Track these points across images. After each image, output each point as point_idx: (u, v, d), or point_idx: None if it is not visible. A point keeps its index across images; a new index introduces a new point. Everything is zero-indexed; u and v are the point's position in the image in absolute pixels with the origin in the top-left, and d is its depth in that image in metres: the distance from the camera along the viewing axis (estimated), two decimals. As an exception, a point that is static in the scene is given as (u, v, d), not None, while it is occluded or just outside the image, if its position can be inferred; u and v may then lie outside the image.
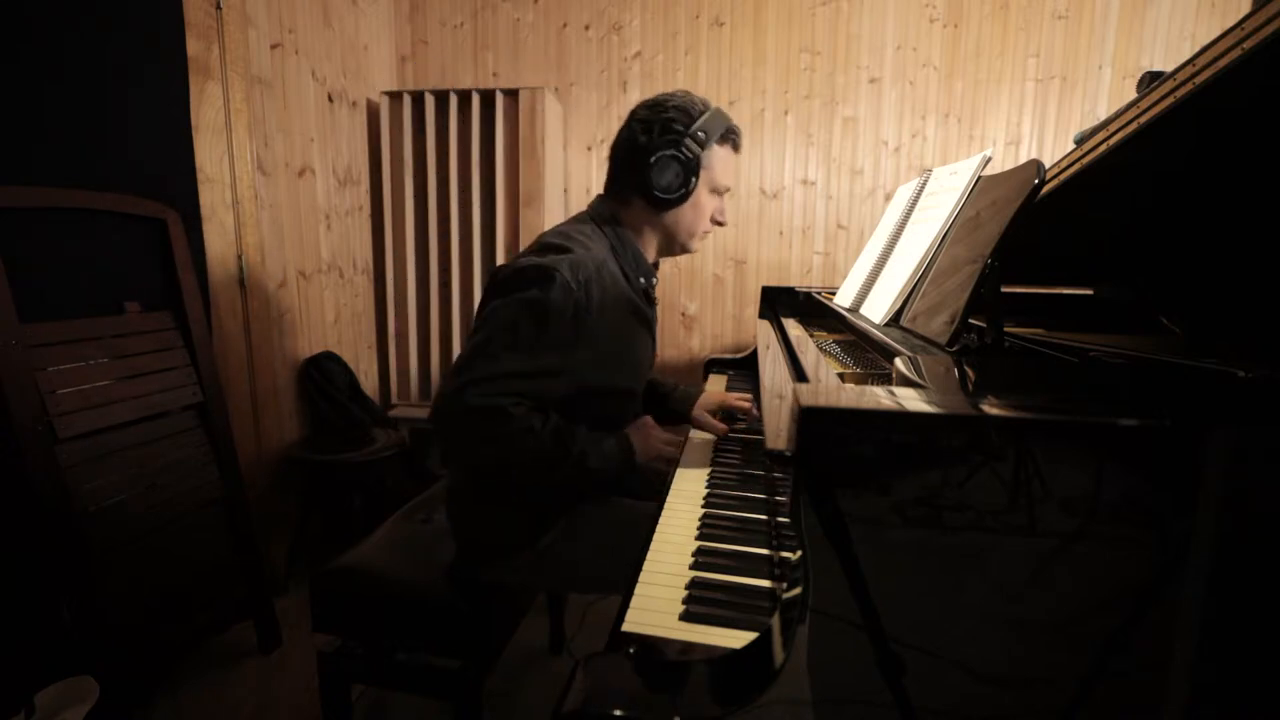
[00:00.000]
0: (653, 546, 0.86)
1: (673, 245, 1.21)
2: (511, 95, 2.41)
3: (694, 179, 1.11)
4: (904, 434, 0.49)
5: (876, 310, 1.13)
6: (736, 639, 0.63)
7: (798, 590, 0.52)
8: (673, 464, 1.17)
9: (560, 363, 1.03)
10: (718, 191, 1.18)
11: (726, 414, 1.38)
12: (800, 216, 2.65)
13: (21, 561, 1.32)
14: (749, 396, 1.40)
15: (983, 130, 2.52)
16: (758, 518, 0.94)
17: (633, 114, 1.15)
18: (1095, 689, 0.48)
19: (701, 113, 1.12)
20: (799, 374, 0.99)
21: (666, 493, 1.04)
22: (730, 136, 1.16)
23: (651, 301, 1.23)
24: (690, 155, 1.10)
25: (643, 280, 1.18)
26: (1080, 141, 0.85)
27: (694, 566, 0.80)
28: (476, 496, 1.14)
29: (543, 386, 1.03)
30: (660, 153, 1.09)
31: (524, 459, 1.01)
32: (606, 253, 1.12)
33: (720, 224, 1.22)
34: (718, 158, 1.15)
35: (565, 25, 2.66)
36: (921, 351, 0.78)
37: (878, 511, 0.49)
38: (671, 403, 1.41)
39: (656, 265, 1.26)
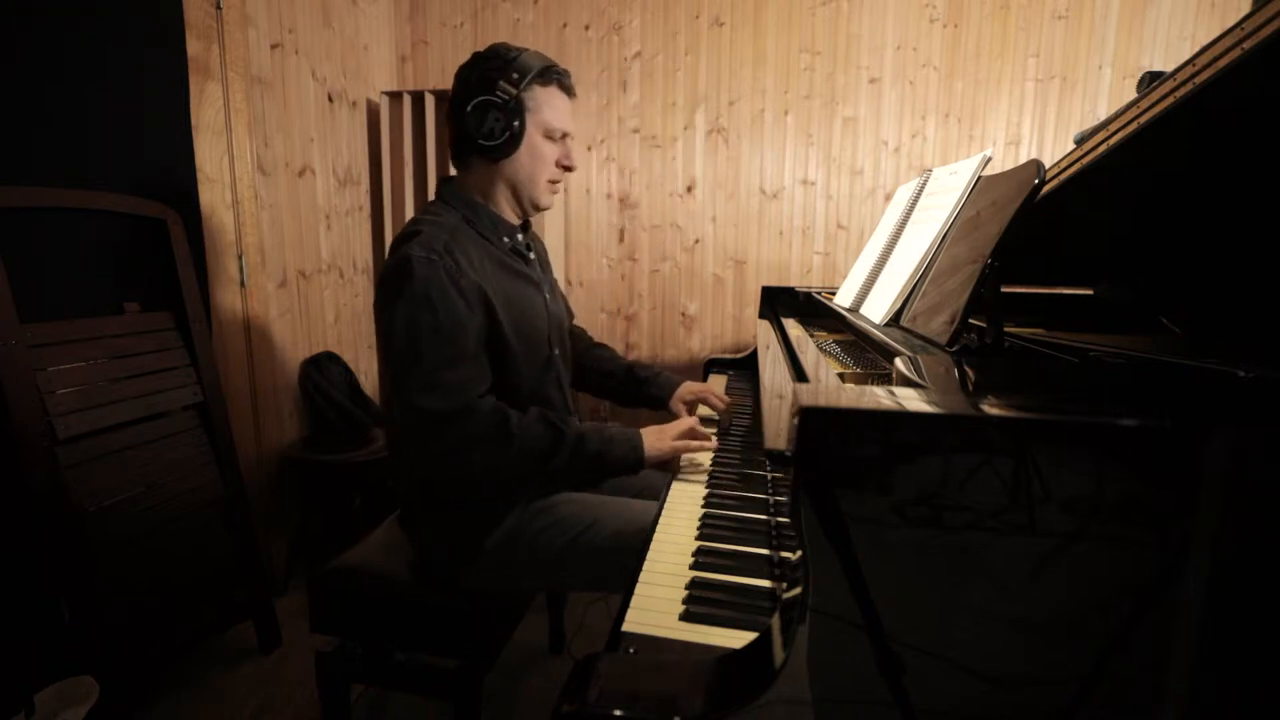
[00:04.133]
0: (653, 546, 0.85)
1: (520, 199, 1.17)
2: (511, 95, 2.41)
3: (517, 121, 1.08)
4: (904, 434, 0.49)
5: (876, 310, 1.13)
6: (736, 639, 0.63)
7: (798, 590, 0.52)
8: (690, 450, 1.13)
9: (472, 335, 1.03)
10: (553, 137, 1.14)
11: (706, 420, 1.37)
12: (800, 216, 2.65)
13: (21, 561, 1.32)
14: (726, 399, 1.39)
15: (983, 130, 2.52)
16: (758, 518, 0.94)
17: (455, 74, 1.13)
18: (1095, 689, 0.48)
19: (515, 55, 1.09)
20: (799, 374, 0.99)
21: (666, 493, 1.04)
22: (553, 76, 1.12)
23: (528, 260, 1.21)
24: (505, 96, 1.07)
25: (506, 239, 1.16)
26: (1080, 141, 0.85)
27: (694, 566, 0.80)
28: (425, 505, 1.13)
29: (478, 366, 1.03)
30: (476, 99, 1.07)
31: (514, 454, 1.00)
32: (457, 220, 1.11)
33: (568, 168, 1.18)
34: (544, 99, 1.12)
35: (565, 25, 2.65)
36: (921, 351, 0.78)
37: (878, 511, 0.49)
38: (652, 388, 1.40)
39: (526, 226, 1.23)
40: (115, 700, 1.34)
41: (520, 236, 1.20)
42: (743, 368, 1.95)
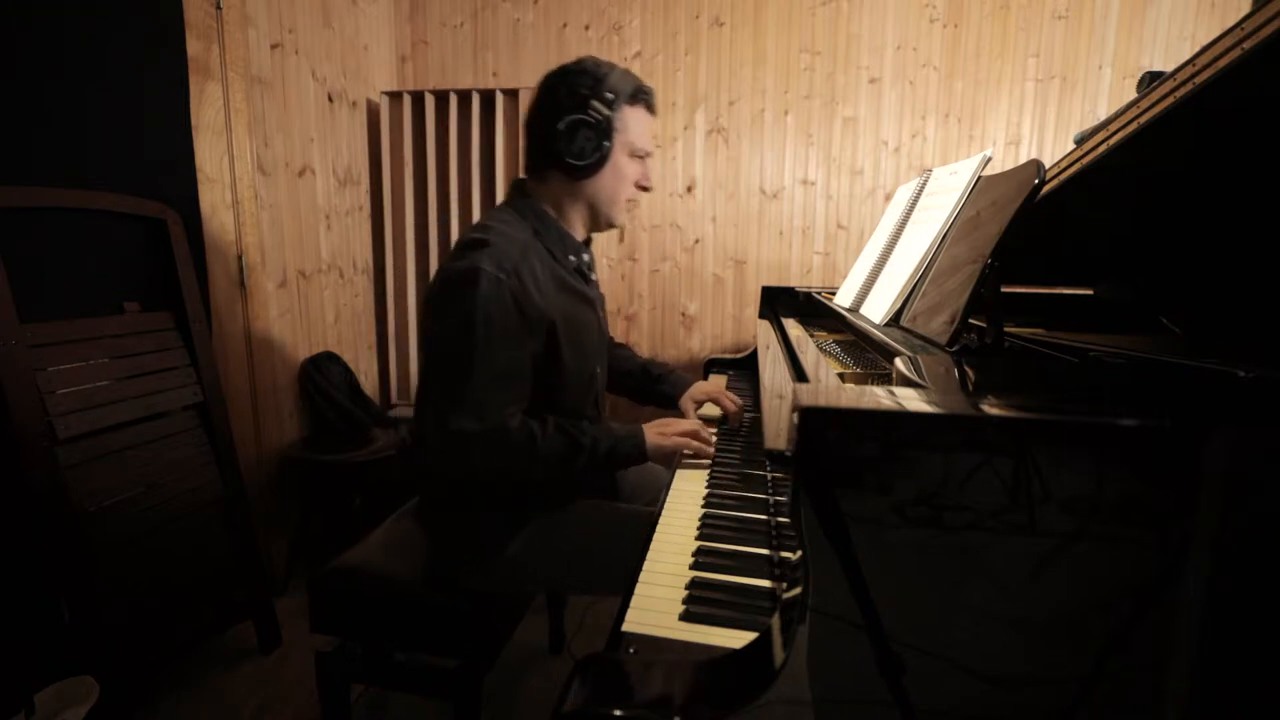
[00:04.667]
0: (653, 546, 0.86)
1: (598, 217, 1.17)
2: (511, 95, 2.41)
3: (607, 142, 1.07)
4: (904, 434, 0.49)
5: (876, 310, 1.13)
6: (736, 639, 0.63)
7: (798, 590, 0.52)
8: (692, 448, 1.14)
9: (521, 356, 1.02)
10: (637, 156, 1.13)
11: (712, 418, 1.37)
12: (800, 216, 2.65)
13: (21, 561, 1.32)
14: (738, 400, 1.39)
15: (983, 130, 2.52)
16: (758, 518, 0.94)
17: (539, 84, 1.11)
18: (1095, 689, 0.48)
19: (608, 73, 1.08)
20: (799, 374, 0.99)
21: (666, 493, 1.04)
22: (641, 96, 1.11)
23: (588, 280, 1.20)
24: (600, 117, 1.06)
25: (572, 258, 1.15)
26: (1080, 141, 0.85)
27: (694, 566, 0.80)
28: (445, 508, 1.14)
29: (521, 387, 1.03)
30: (568, 117, 1.05)
31: (539, 465, 1.01)
32: (528, 235, 1.09)
33: (646, 189, 1.17)
34: (631, 119, 1.10)
35: (565, 25, 2.65)
36: (921, 351, 0.78)
37: (878, 511, 0.49)
38: (665, 385, 1.41)
39: (588, 242, 1.22)
40: (115, 700, 1.34)
41: (585, 256, 1.18)
42: (743, 368, 1.95)
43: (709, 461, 1.17)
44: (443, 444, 1.00)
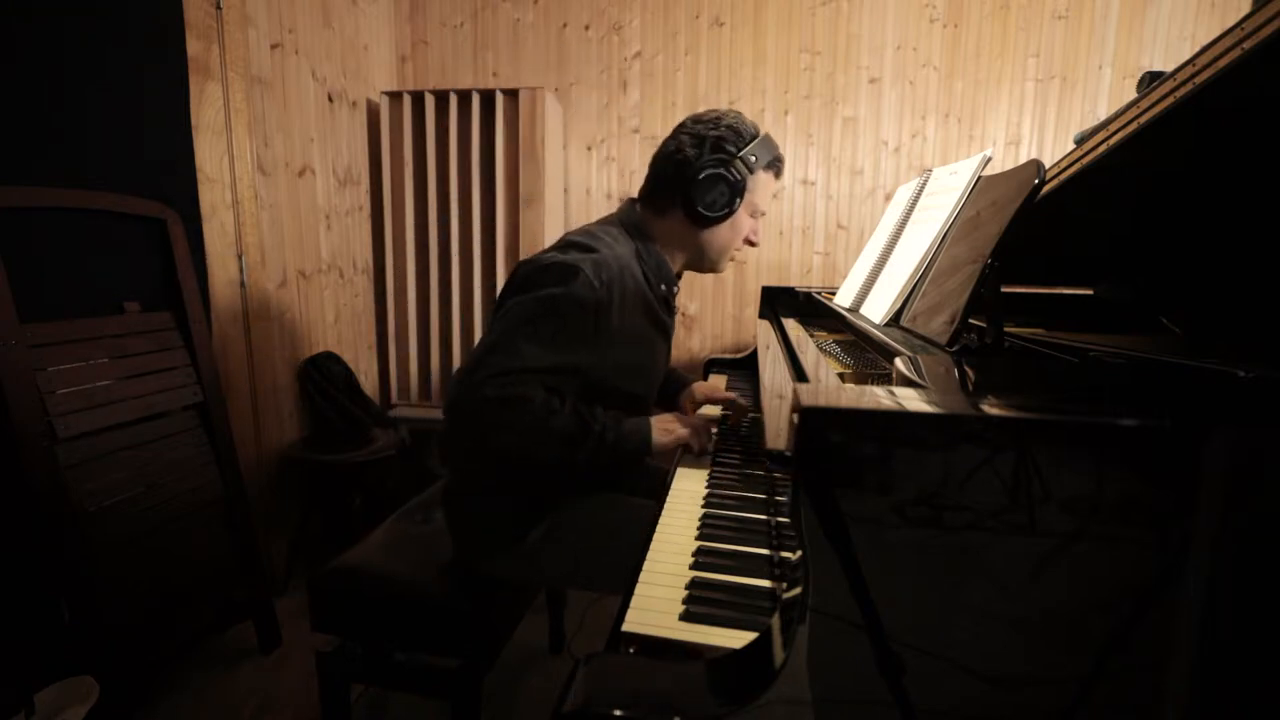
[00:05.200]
0: (653, 546, 0.85)
1: (702, 262, 1.21)
2: (511, 95, 2.41)
3: (738, 200, 1.12)
4: (904, 434, 0.49)
5: (876, 310, 1.13)
6: (736, 639, 0.63)
7: (798, 590, 0.52)
8: (694, 446, 1.16)
9: (579, 360, 1.03)
10: (755, 214, 1.19)
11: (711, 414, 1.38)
12: (800, 216, 2.65)
13: (21, 561, 1.32)
14: (733, 396, 1.39)
15: (983, 130, 2.52)
16: (758, 518, 0.94)
17: (681, 127, 1.15)
18: (1095, 689, 0.48)
19: (753, 137, 1.13)
20: (799, 374, 0.99)
21: (666, 493, 1.04)
22: (776, 164, 1.17)
23: (671, 310, 1.23)
24: (738, 177, 1.11)
25: (664, 287, 1.18)
26: (1080, 141, 0.85)
27: (694, 566, 0.80)
28: (471, 493, 1.15)
29: (561, 382, 1.04)
30: (709, 170, 1.09)
31: (548, 441, 1.02)
32: (631, 256, 1.12)
33: (753, 244, 1.22)
34: (761, 183, 1.15)
35: (565, 25, 2.66)
36: (921, 351, 0.78)
37: (878, 511, 0.49)
38: (665, 384, 1.43)
39: (679, 276, 1.25)
40: (115, 700, 1.34)
41: (675, 288, 1.21)
42: (743, 368, 1.95)
43: (709, 461, 1.17)
44: (459, 403, 1.00)
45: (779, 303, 2.05)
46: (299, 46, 2.13)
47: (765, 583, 0.75)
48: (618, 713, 0.52)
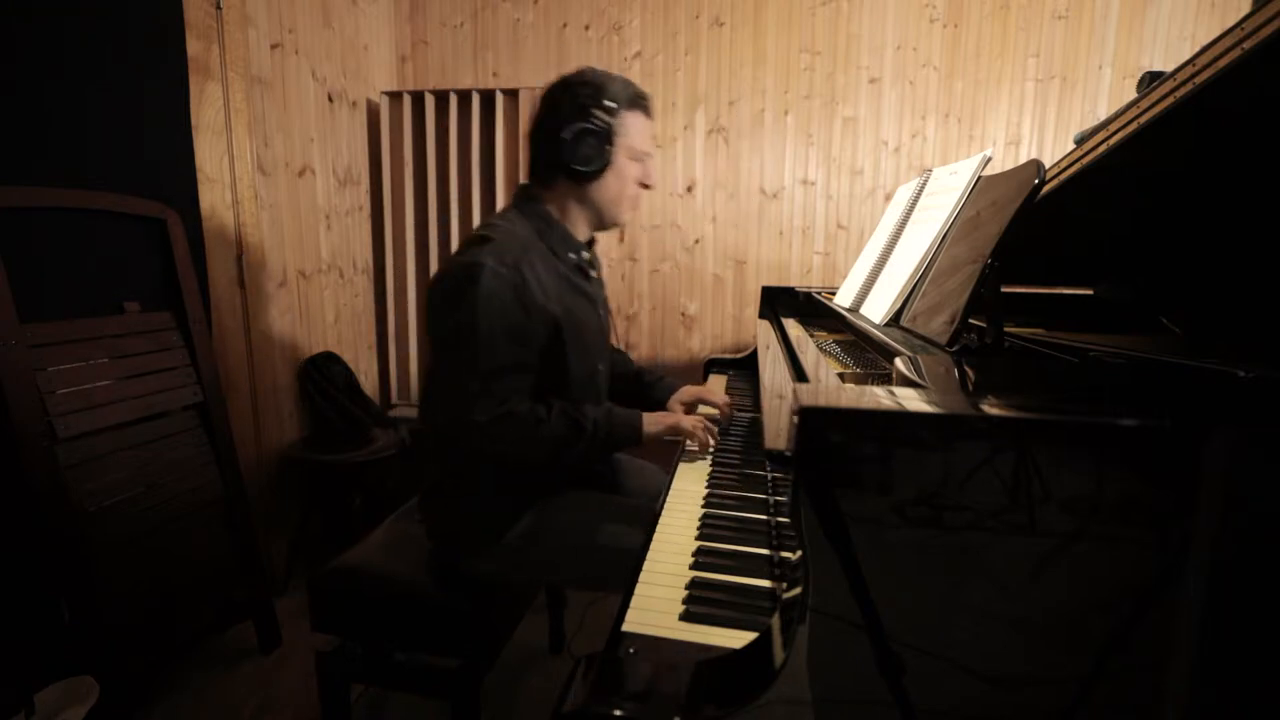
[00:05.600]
0: (653, 546, 0.86)
1: (602, 217, 1.21)
2: (511, 95, 2.41)
3: (609, 147, 1.13)
4: (904, 434, 0.49)
5: (876, 310, 1.13)
6: (736, 639, 0.63)
7: (798, 590, 0.52)
8: (687, 436, 1.18)
9: (527, 348, 1.06)
10: (637, 158, 1.18)
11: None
12: (800, 216, 2.65)
13: (21, 561, 1.32)
14: (728, 399, 1.39)
15: (983, 130, 2.52)
16: (758, 518, 0.94)
17: (542, 96, 1.17)
18: (1095, 689, 0.48)
19: (607, 83, 1.14)
20: (799, 374, 0.99)
21: (666, 493, 1.04)
22: (639, 102, 1.17)
23: (589, 277, 1.24)
24: (603, 124, 1.11)
25: (573, 256, 1.19)
26: (1080, 141, 0.85)
27: (694, 566, 0.80)
28: (449, 492, 1.16)
29: (525, 378, 1.07)
30: (572, 127, 1.11)
31: (541, 447, 1.05)
32: (531, 234, 1.13)
33: (648, 186, 1.22)
34: (631, 124, 1.15)
35: (565, 25, 2.65)
36: (921, 351, 0.78)
37: (878, 511, 0.49)
38: (656, 391, 1.44)
39: (592, 242, 1.27)
40: (115, 700, 1.34)
41: (586, 254, 1.23)
42: (743, 368, 1.95)
43: (709, 461, 1.17)
44: (451, 432, 1.05)
45: (779, 303, 2.05)
46: (299, 46, 2.12)
47: (765, 583, 0.75)
48: (618, 713, 0.52)
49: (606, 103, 1.12)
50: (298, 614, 1.86)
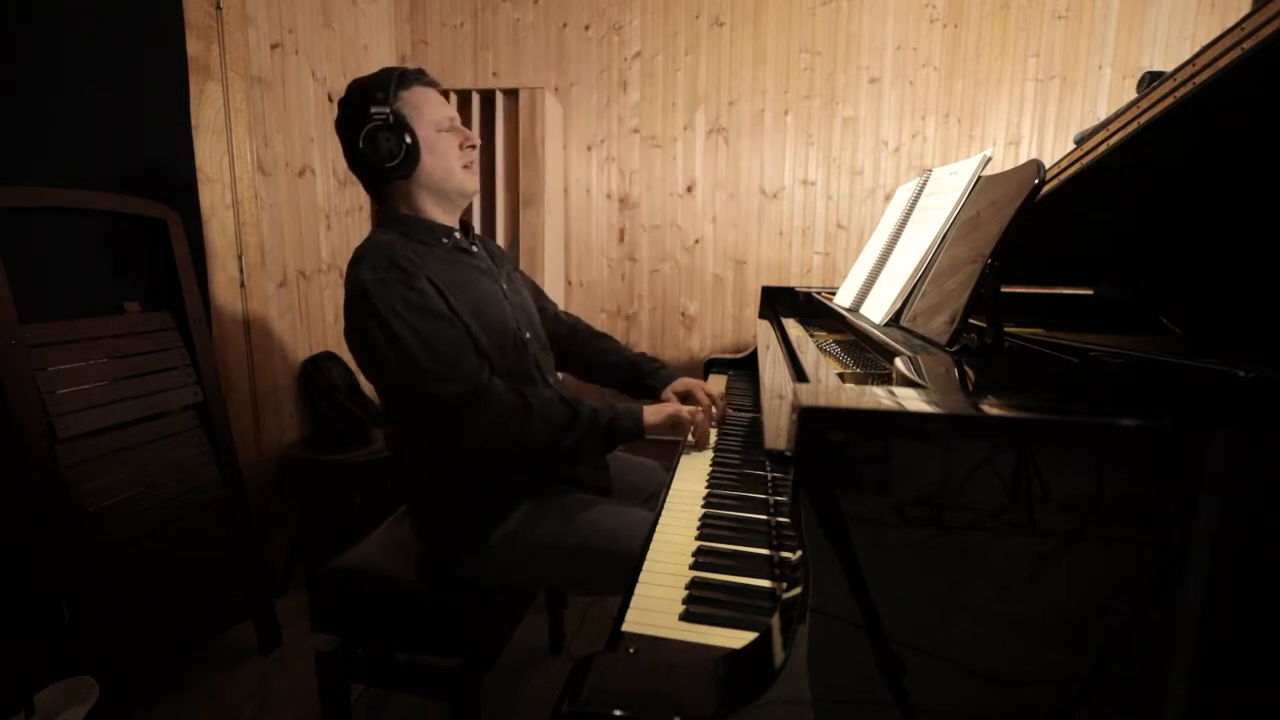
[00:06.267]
0: (653, 546, 0.85)
1: (447, 197, 1.20)
2: (511, 95, 2.41)
3: (406, 133, 1.12)
4: (904, 434, 0.49)
5: (876, 310, 1.13)
6: (736, 639, 0.63)
7: (798, 590, 0.52)
8: (694, 422, 1.17)
9: (452, 326, 1.06)
10: (444, 128, 1.17)
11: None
12: (800, 216, 2.65)
13: (21, 561, 1.32)
14: (721, 393, 1.38)
15: (983, 130, 2.52)
16: (758, 518, 0.94)
17: (334, 125, 1.19)
18: (1095, 689, 0.48)
19: (370, 79, 1.14)
20: (799, 374, 0.99)
21: (666, 492, 1.04)
22: (411, 78, 1.16)
23: (472, 252, 1.24)
24: (383, 115, 1.11)
25: (445, 240, 1.19)
26: (1080, 141, 0.85)
27: (694, 566, 0.80)
28: (436, 495, 1.16)
29: (474, 351, 1.07)
30: (362, 132, 1.12)
31: (537, 427, 1.04)
32: (396, 237, 1.13)
33: (472, 146, 1.21)
34: (414, 101, 1.15)
35: (565, 25, 2.66)
36: (921, 351, 0.78)
37: (878, 511, 0.49)
38: (652, 379, 1.43)
39: (466, 229, 1.26)
40: (115, 700, 1.34)
41: (458, 235, 1.23)
42: (743, 368, 1.95)
43: (709, 461, 1.17)
44: (440, 416, 1.03)
45: (779, 303, 2.04)
46: (299, 46, 2.12)
47: (765, 583, 0.75)
48: (618, 713, 0.52)
49: (377, 94, 1.12)
50: (298, 614, 1.86)
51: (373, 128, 1.11)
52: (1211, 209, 0.87)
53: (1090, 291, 1.31)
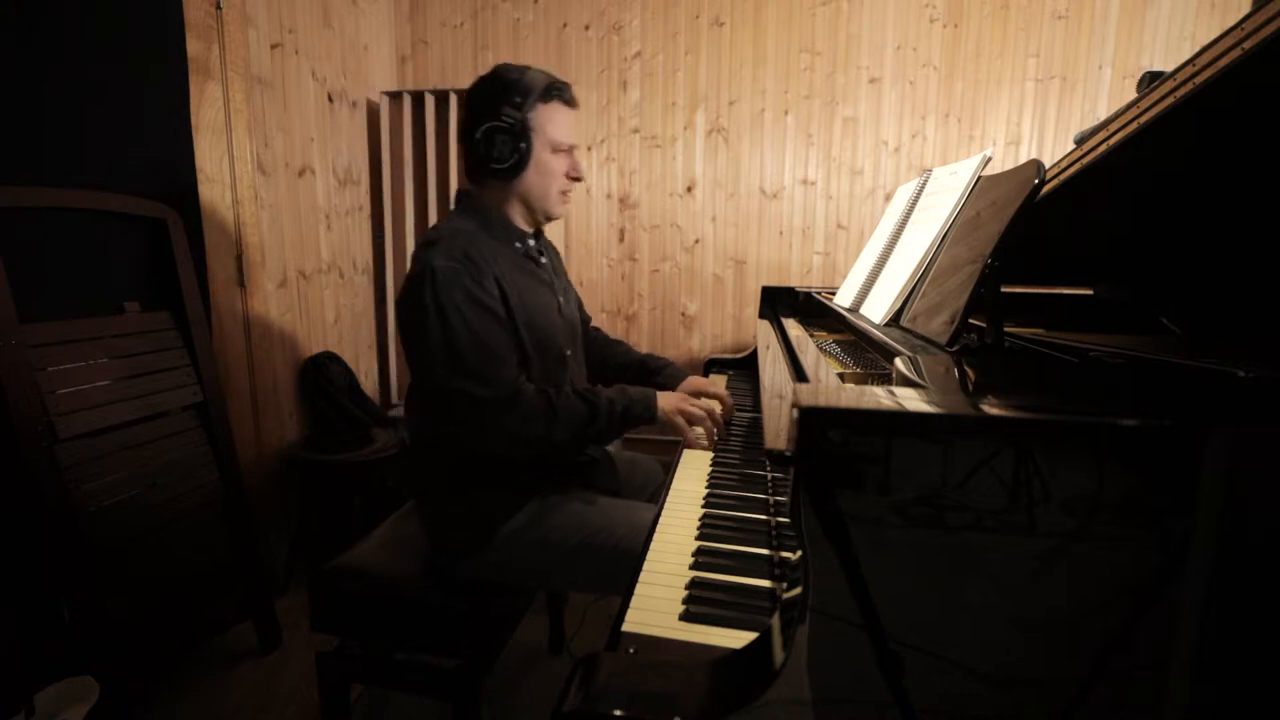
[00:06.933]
0: (653, 546, 0.85)
1: (533, 212, 1.22)
2: (511, 95, 2.40)
3: (524, 144, 1.13)
4: (904, 434, 0.49)
5: (876, 310, 1.13)
6: (736, 639, 0.63)
7: (798, 590, 0.52)
8: (704, 421, 1.17)
9: (502, 330, 1.08)
10: (561, 150, 1.18)
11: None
12: (800, 216, 2.65)
13: (21, 561, 1.32)
14: (720, 392, 1.38)
15: (983, 130, 2.52)
16: (758, 518, 0.94)
17: (464, 98, 1.18)
18: (1095, 689, 0.48)
19: (517, 77, 1.13)
20: (799, 374, 0.99)
21: (666, 493, 1.04)
22: (555, 92, 1.16)
23: (539, 263, 1.25)
24: (511, 121, 1.11)
25: (519, 244, 1.21)
26: (1080, 141, 0.85)
27: (694, 566, 0.80)
28: (445, 489, 1.16)
29: (515, 357, 1.09)
30: (483, 127, 1.11)
31: (561, 426, 1.06)
32: (476, 228, 1.15)
33: (577, 179, 1.22)
34: (547, 117, 1.15)
35: (565, 25, 2.66)
36: (921, 351, 0.78)
37: (878, 511, 0.49)
38: (661, 378, 1.44)
39: (539, 234, 1.28)
40: (115, 700, 1.34)
41: (532, 242, 1.24)
42: (743, 368, 1.95)
43: (709, 461, 1.17)
44: (470, 415, 1.05)
45: (779, 303, 2.04)
46: (299, 46, 2.12)
47: (765, 583, 0.75)
48: (618, 713, 0.52)
49: (516, 98, 1.11)
50: (298, 614, 1.86)
51: (494, 126, 1.11)
52: (1211, 209, 0.87)
53: (1090, 291, 1.31)
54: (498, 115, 1.11)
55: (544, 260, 1.27)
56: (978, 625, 0.49)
